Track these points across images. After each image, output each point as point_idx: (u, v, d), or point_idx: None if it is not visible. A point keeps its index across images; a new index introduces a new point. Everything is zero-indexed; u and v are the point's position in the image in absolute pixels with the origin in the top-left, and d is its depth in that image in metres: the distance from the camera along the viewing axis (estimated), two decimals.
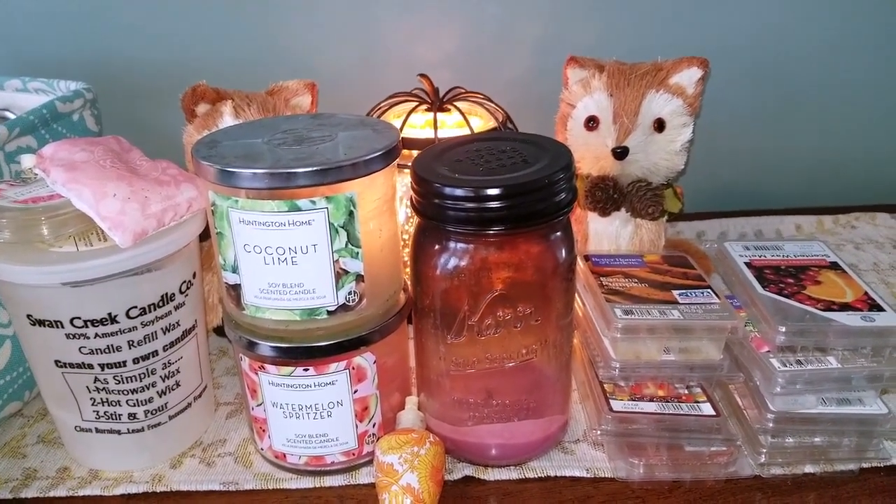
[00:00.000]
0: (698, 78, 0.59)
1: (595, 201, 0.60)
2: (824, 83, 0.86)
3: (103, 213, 0.44)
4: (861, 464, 0.48)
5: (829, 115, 0.88)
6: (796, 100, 0.87)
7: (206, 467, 0.51)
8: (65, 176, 0.45)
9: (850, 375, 0.46)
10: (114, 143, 0.51)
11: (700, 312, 0.48)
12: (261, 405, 0.49)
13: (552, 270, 0.45)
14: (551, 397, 0.49)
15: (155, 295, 0.47)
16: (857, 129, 0.89)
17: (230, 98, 0.59)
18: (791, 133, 0.89)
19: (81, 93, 0.63)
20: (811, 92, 0.86)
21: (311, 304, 0.45)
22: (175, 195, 0.47)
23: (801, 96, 0.87)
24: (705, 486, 0.47)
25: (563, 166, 0.44)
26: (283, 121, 0.51)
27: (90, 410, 0.49)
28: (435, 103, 0.65)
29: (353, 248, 0.44)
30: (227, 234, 0.44)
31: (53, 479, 0.51)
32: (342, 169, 0.42)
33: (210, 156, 0.43)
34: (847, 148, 0.90)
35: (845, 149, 0.90)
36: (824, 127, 0.89)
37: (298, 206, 0.42)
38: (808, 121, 0.88)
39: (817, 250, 0.55)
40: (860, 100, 0.87)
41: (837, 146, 0.90)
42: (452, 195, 0.43)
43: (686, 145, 0.60)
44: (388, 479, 0.45)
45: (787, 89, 0.86)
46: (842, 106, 0.88)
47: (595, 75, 0.60)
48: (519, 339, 0.46)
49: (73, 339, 0.45)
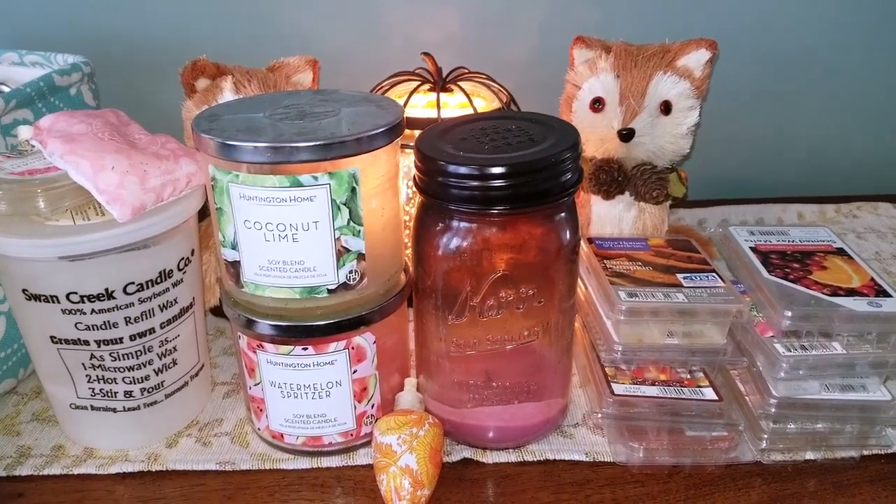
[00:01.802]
0: (706, 60, 0.58)
1: (599, 184, 0.59)
2: (829, 71, 0.85)
3: (101, 187, 0.43)
4: (862, 451, 0.48)
5: (833, 103, 0.87)
6: (800, 87, 0.86)
7: (203, 447, 0.50)
8: (62, 147, 0.44)
9: (855, 361, 0.46)
10: (112, 117, 0.50)
11: (705, 296, 0.47)
12: (258, 384, 0.48)
13: (556, 252, 0.45)
14: (551, 380, 0.49)
15: (153, 271, 0.46)
16: (860, 118, 0.89)
17: (230, 73, 0.58)
18: (794, 121, 0.88)
19: (79, 66, 0.62)
20: (815, 80, 0.86)
21: (311, 282, 0.44)
22: (174, 170, 0.46)
23: (805, 84, 0.86)
24: (705, 472, 0.47)
25: (569, 145, 0.43)
26: (286, 96, 0.50)
27: (86, 388, 0.48)
28: (438, 83, 0.64)
29: (355, 226, 0.44)
30: (226, 210, 0.44)
31: (48, 457, 0.50)
32: (345, 144, 0.41)
33: (211, 129, 0.43)
34: (850, 137, 0.90)
35: (849, 138, 0.90)
36: (827, 115, 0.88)
37: (300, 181, 0.41)
38: (812, 109, 0.88)
39: (823, 236, 0.55)
40: (865, 88, 0.87)
41: (840, 135, 0.89)
42: (456, 173, 0.42)
43: (692, 129, 0.59)
44: (387, 460, 0.44)
45: (790, 77, 0.85)
46: (846, 94, 0.87)
47: (602, 56, 0.59)
48: (521, 320, 0.45)
49: (69, 315, 0.45)
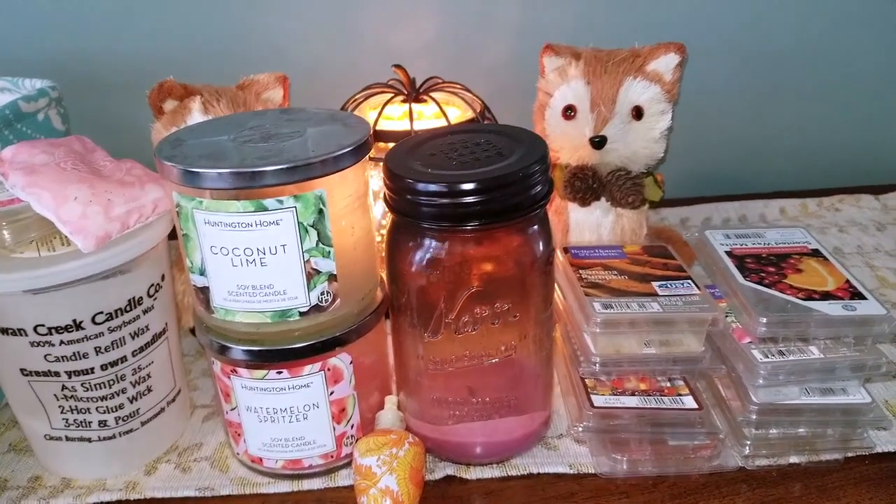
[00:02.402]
0: (676, 64, 0.58)
1: (574, 191, 0.59)
2: (809, 67, 0.85)
3: (64, 218, 0.43)
4: (846, 453, 0.48)
5: (812, 97, 0.87)
6: (779, 83, 0.86)
7: (182, 473, 0.50)
8: (24, 180, 0.44)
9: (834, 365, 0.46)
10: (77, 144, 0.49)
11: (680, 304, 0.47)
12: (235, 409, 0.47)
13: (530, 264, 0.44)
14: (533, 393, 0.49)
15: (122, 300, 0.45)
16: (839, 112, 0.89)
17: (199, 93, 0.58)
18: (774, 116, 0.88)
19: (46, 91, 0.61)
20: (794, 75, 0.86)
21: (282, 305, 0.44)
22: (140, 196, 0.46)
23: (784, 79, 0.86)
24: (690, 480, 0.47)
25: (537, 158, 0.43)
26: (251, 116, 0.49)
27: (59, 418, 0.47)
28: (411, 94, 0.63)
29: (325, 248, 0.43)
30: (192, 236, 0.43)
31: (25, 488, 0.49)
32: (310, 167, 0.41)
33: (173, 155, 0.42)
34: (830, 130, 0.90)
35: (828, 131, 0.90)
36: (807, 110, 0.88)
37: (265, 205, 0.41)
38: (791, 104, 0.87)
39: (799, 237, 0.54)
40: (843, 83, 0.87)
41: (821, 128, 0.89)
42: (426, 191, 0.42)
43: (665, 133, 0.59)
44: (367, 482, 0.44)
45: (769, 73, 0.85)
46: (825, 89, 0.87)
47: (572, 63, 0.59)
48: (497, 335, 0.45)
49: (38, 347, 0.44)
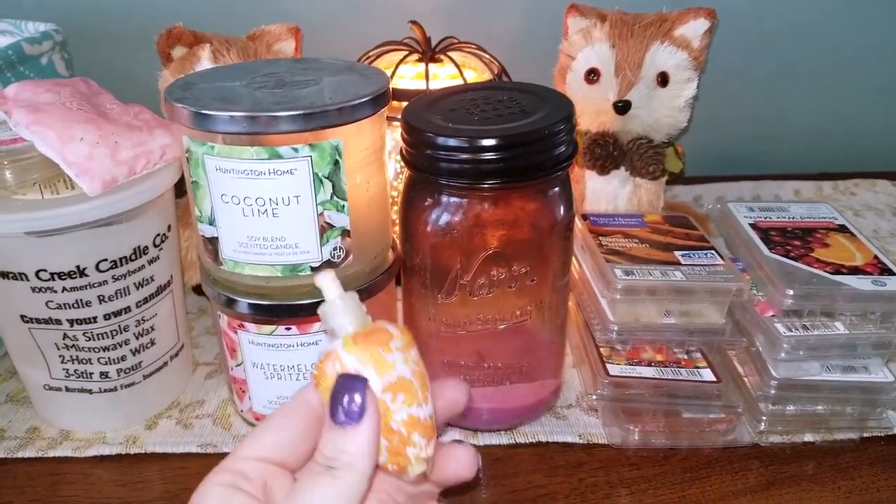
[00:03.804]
0: (705, 30, 0.56)
1: (594, 158, 0.57)
2: (829, 46, 0.83)
3: (69, 158, 0.41)
4: (862, 433, 0.47)
5: (832, 79, 0.85)
6: (798, 63, 0.84)
7: (184, 429, 0.49)
8: (28, 118, 0.42)
9: (857, 342, 0.44)
10: (82, 86, 0.48)
11: (703, 274, 0.46)
12: (240, 365, 0.46)
13: (549, 228, 0.43)
14: (545, 361, 0.47)
15: (127, 247, 0.44)
16: (859, 95, 0.87)
17: (208, 42, 0.56)
18: (792, 97, 0.86)
19: (50, 34, 0.59)
20: (815, 54, 0.84)
21: (293, 259, 0.42)
22: (148, 141, 0.44)
23: (805, 59, 0.84)
24: (702, 454, 0.46)
25: (563, 117, 0.41)
26: (264, 64, 0.47)
27: (59, 368, 0.46)
28: (427, 53, 0.61)
29: (339, 201, 0.42)
30: (203, 184, 0.41)
31: (22, 439, 0.48)
32: (327, 114, 0.39)
33: (184, 97, 0.40)
34: (849, 113, 0.88)
35: (847, 114, 0.88)
36: (826, 91, 0.86)
37: (279, 153, 0.39)
38: (810, 85, 0.86)
39: (824, 212, 0.53)
40: (866, 64, 0.85)
41: (839, 111, 0.88)
42: (445, 146, 0.40)
43: (690, 101, 0.57)
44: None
45: (789, 51, 0.83)
46: (845, 70, 0.85)
47: (597, 25, 0.57)
48: (513, 299, 0.43)
49: (40, 293, 0.43)
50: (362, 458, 0.27)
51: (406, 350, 0.30)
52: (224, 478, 0.28)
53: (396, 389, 0.29)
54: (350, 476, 0.27)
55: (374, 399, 0.28)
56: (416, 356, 0.30)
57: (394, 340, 0.29)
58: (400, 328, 0.30)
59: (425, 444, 0.29)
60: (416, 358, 0.30)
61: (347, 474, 0.27)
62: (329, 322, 0.30)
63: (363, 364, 0.29)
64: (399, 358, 0.29)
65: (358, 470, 0.27)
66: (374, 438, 0.28)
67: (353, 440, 0.27)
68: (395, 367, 0.29)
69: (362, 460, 0.27)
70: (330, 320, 0.30)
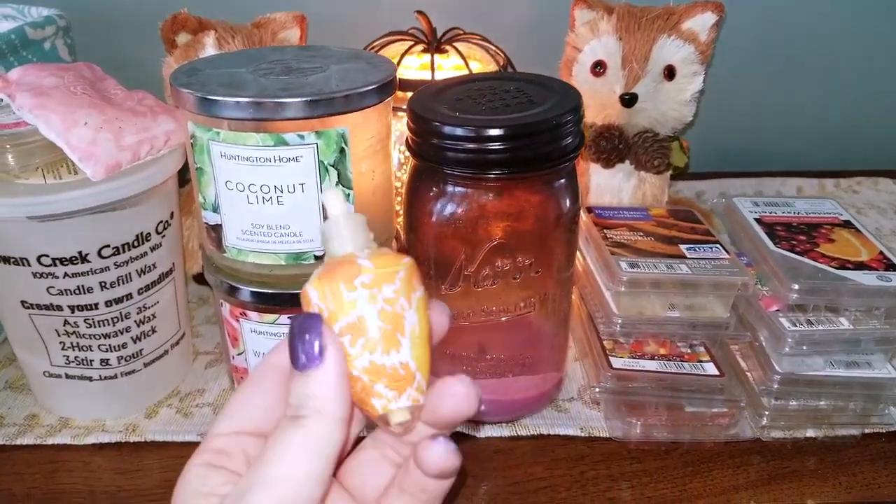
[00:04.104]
0: (712, 24, 0.56)
1: (599, 152, 0.57)
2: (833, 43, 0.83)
3: (73, 143, 0.41)
4: (864, 429, 0.47)
5: (836, 76, 0.85)
6: (802, 60, 0.84)
7: (183, 417, 0.49)
8: (32, 101, 0.42)
9: (861, 337, 0.44)
10: (86, 70, 0.47)
11: (709, 268, 0.45)
12: (242, 354, 0.46)
13: (555, 220, 0.43)
14: (547, 353, 0.47)
15: (129, 234, 0.44)
16: (863, 92, 0.87)
17: (213, 28, 0.55)
18: (795, 94, 0.86)
19: (53, 19, 0.59)
20: (819, 51, 0.83)
21: (297, 247, 0.42)
22: (152, 127, 0.44)
23: (809, 55, 0.84)
24: (703, 448, 0.46)
25: (571, 108, 0.41)
26: (271, 51, 0.47)
27: (60, 355, 0.46)
28: (432, 43, 0.61)
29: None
30: (207, 170, 0.41)
31: (21, 426, 0.48)
32: (334, 101, 0.39)
33: (190, 83, 0.40)
34: (852, 111, 0.88)
35: (850, 112, 0.88)
36: (830, 88, 0.86)
37: (285, 140, 0.39)
38: (814, 81, 0.85)
39: (829, 208, 0.53)
40: (868, 63, 0.85)
41: (843, 108, 0.88)
42: (452, 135, 0.40)
43: (696, 95, 0.57)
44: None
45: (794, 47, 0.83)
46: (849, 68, 0.85)
47: (604, 17, 0.57)
48: (517, 291, 0.43)
49: (41, 279, 0.42)
50: (329, 401, 0.24)
51: (375, 286, 0.25)
52: (202, 458, 0.26)
53: (355, 332, 0.25)
54: (319, 423, 0.24)
55: (335, 337, 0.25)
56: (392, 295, 0.25)
57: (361, 276, 0.25)
58: (386, 261, 0.25)
59: (395, 396, 0.25)
60: (395, 297, 0.25)
61: (315, 422, 0.24)
62: (327, 243, 0.27)
63: (322, 300, 0.25)
64: (363, 296, 0.25)
65: (326, 414, 0.24)
66: (340, 379, 0.24)
67: (317, 382, 0.24)
68: (356, 306, 0.25)
69: (329, 403, 0.24)
70: (328, 241, 0.27)
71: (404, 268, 0.26)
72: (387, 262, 0.25)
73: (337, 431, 0.24)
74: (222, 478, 0.26)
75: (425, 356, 0.26)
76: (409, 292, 0.26)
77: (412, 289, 0.26)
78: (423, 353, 0.26)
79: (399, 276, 0.25)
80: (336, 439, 0.24)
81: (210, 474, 0.26)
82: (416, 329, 0.26)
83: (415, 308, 0.26)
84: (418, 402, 0.26)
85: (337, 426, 0.24)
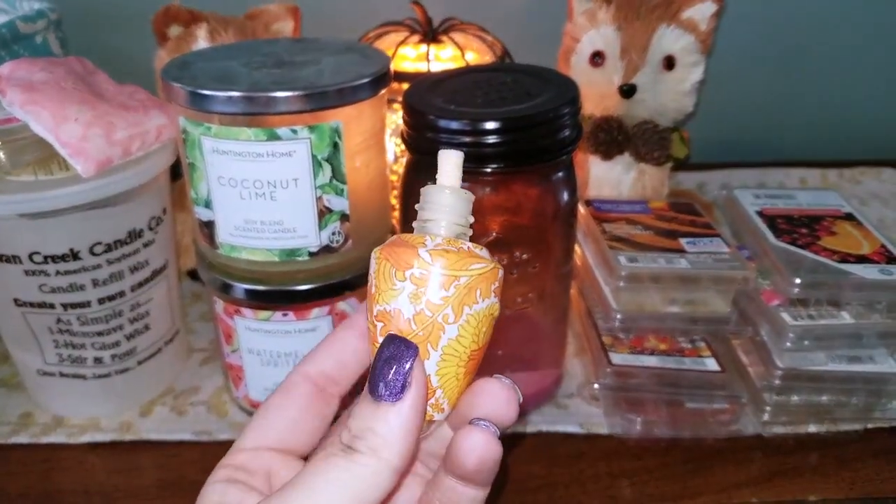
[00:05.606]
0: (713, 13, 0.55)
1: (598, 143, 0.56)
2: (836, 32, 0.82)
3: (63, 139, 0.40)
4: (867, 424, 0.46)
5: (838, 66, 0.84)
6: (804, 50, 0.83)
7: (178, 416, 0.48)
8: (22, 97, 0.41)
9: (863, 332, 0.44)
10: (77, 65, 0.47)
11: (709, 262, 0.45)
12: (236, 351, 0.45)
13: (553, 214, 0.42)
14: (546, 349, 0.47)
15: (121, 231, 0.43)
16: (865, 82, 0.86)
17: (205, 20, 0.55)
18: (798, 83, 0.85)
19: (45, 13, 0.58)
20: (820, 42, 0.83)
21: (291, 243, 0.41)
22: (143, 122, 0.43)
23: (810, 46, 0.83)
24: (704, 445, 0.45)
25: (568, 100, 0.40)
26: (263, 44, 0.46)
27: (53, 353, 0.45)
28: (428, 34, 0.60)
29: (338, 185, 0.41)
30: (199, 166, 0.40)
31: (15, 424, 0.48)
32: (327, 95, 0.38)
33: (181, 77, 0.39)
34: (855, 101, 0.87)
35: (853, 102, 0.87)
36: (832, 78, 0.85)
37: (278, 134, 0.38)
38: (816, 72, 0.85)
39: (832, 200, 0.52)
40: (871, 52, 0.84)
41: (845, 98, 0.87)
42: (448, 128, 0.39)
43: (696, 85, 0.56)
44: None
45: (795, 39, 0.82)
46: (852, 57, 0.84)
47: (602, 7, 0.56)
48: (514, 287, 0.43)
49: (33, 276, 0.42)
50: (391, 445, 0.21)
51: (424, 286, 0.22)
52: (222, 474, 0.25)
53: (387, 323, 0.23)
54: (372, 463, 0.21)
55: (423, 377, 0.22)
56: (439, 301, 0.23)
57: (413, 269, 0.22)
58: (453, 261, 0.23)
59: None
60: (442, 304, 0.22)
61: (369, 459, 0.21)
62: (421, 209, 0.24)
63: (375, 275, 0.23)
64: (407, 291, 0.23)
65: (383, 458, 0.21)
66: (412, 425, 0.22)
67: (386, 419, 0.22)
68: (397, 297, 0.23)
69: (391, 447, 0.21)
70: (422, 207, 0.24)
71: (469, 276, 0.23)
72: (454, 263, 0.23)
73: (387, 479, 0.22)
74: (237, 493, 0.24)
75: (456, 378, 0.24)
76: (463, 304, 0.23)
77: (471, 301, 0.23)
78: (453, 372, 0.23)
79: (457, 283, 0.23)
80: (383, 487, 0.22)
81: (227, 490, 0.24)
82: (455, 346, 0.23)
83: (463, 322, 0.23)
84: (432, 417, 0.24)
85: (389, 474, 0.22)
